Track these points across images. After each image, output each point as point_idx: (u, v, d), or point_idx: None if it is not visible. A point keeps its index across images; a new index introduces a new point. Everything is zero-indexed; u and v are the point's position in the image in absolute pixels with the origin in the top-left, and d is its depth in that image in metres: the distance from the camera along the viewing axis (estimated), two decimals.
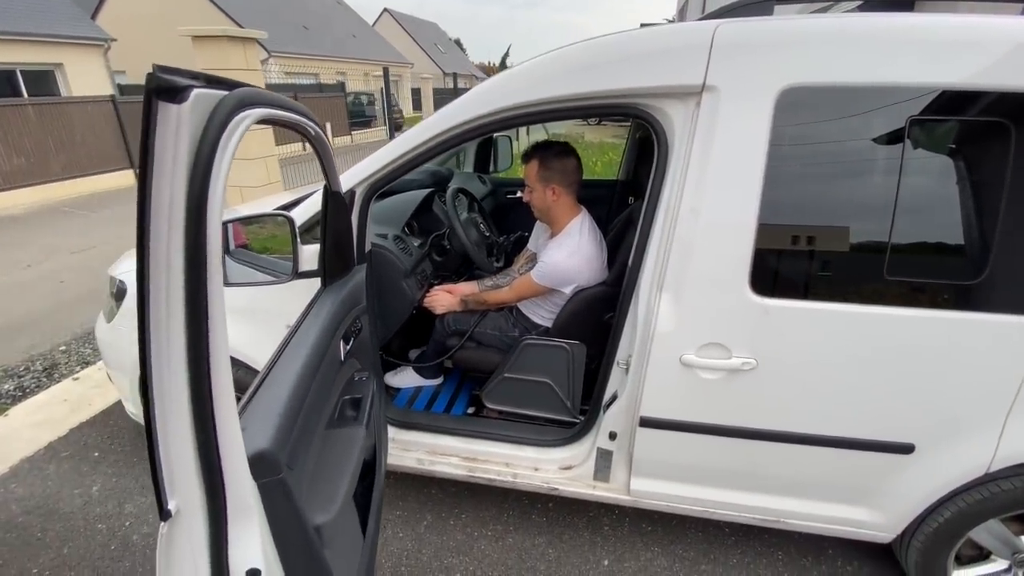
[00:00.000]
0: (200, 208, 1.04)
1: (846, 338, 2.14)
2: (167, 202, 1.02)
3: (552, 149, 3.01)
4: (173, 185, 1.02)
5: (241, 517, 1.32)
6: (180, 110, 1.00)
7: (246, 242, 2.96)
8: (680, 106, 2.12)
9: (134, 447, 3.84)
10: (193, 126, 1.04)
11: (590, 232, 3.03)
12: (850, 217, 2.09)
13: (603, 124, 26.02)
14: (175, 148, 1.01)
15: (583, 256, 2.95)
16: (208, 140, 1.06)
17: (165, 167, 1.01)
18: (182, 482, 1.21)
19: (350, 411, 2.19)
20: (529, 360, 2.98)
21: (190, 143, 1.03)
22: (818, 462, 2.36)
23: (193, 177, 1.04)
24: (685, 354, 2.26)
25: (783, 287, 2.16)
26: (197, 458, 1.19)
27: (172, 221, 1.03)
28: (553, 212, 3.06)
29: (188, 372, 1.11)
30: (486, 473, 2.85)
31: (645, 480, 2.62)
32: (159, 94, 0.98)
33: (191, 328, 1.09)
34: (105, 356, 3.40)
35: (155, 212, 1.02)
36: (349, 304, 2.31)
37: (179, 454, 1.18)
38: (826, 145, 2.06)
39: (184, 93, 1.00)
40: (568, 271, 2.94)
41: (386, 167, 2.46)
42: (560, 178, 2.96)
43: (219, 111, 1.09)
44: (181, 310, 1.07)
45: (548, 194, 2.99)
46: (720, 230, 2.11)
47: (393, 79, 12.71)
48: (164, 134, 1.00)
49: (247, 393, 1.62)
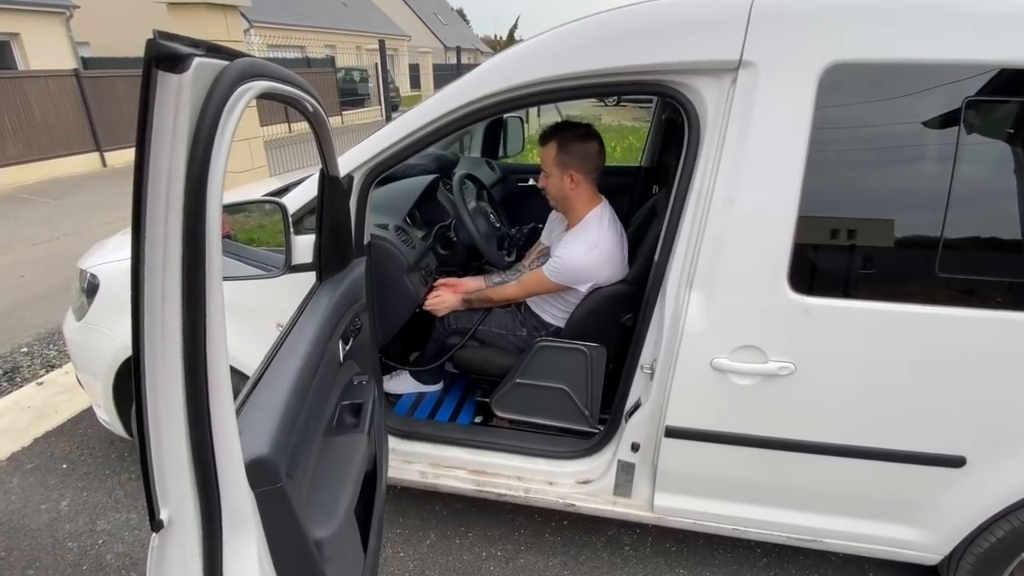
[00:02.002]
0: (200, 186, 1.06)
1: (893, 341, 2.15)
2: (165, 179, 1.03)
3: (573, 131, 3.00)
4: (172, 161, 1.04)
5: (237, 529, 1.34)
6: (181, 80, 1.01)
7: (230, 232, 2.97)
8: (713, 84, 2.12)
9: (106, 458, 3.88)
10: (194, 98, 1.05)
11: (610, 225, 3.03)
12: (899, 208, 2.10)
13: (622, 105, 26.01)
14: (175, 121, 1.03)
15: (602, 252, 2.95)
16: (210, 113, 1.07)
17: (164, 142, 1.03)
18: (175, 490, 1.22)
19: (350, 417, 2.21)
20: (543, 364, 2.99)
21: (191, 116, 1.05)
22: (859, 476, 2.38)
23: (193, 153, 1.05)
24: (716, 358, 2.27)
25: (825, 285, 2.17)
26: (192, 463, 1.20)
27: (171, 201, 1.04)
28: (570, 201, 3.07)
29: (184, 369, 1.13)
30: (496, 488, 2.88)
31: (670, 495, 2.64)
32: (159, 63, 0.99)
33: (188, 318, 1.11)
34: (74, 358, 3.42)
35: (152, 190, 1.03)
36: (348, 301, 2.34)
37: (173, 459, 1.19)
38: (874, 129, 2.07)
39: (186, 62, 1.01)
40: (585, 268, 2.95)
41: (387, 150, 2.47)
42: (580, 164, 2.96)
43: (221, 82, 1.10)
44: (178, 297, 1.09)
45: (566, 181, 2.98)
46: (757, 222, 2.12)
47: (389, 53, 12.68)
48: (163, 106, 1.01)
49: (240, 396, 1.64)
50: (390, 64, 21.86)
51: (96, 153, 15.20)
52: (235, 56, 1.19)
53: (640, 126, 19.05)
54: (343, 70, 26.18)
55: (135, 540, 3.19)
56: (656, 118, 5.37)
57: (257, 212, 2.86)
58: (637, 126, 19.38)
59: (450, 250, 3.76)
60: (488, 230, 3.75)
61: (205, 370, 1.15)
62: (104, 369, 3.12)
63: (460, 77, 2.40)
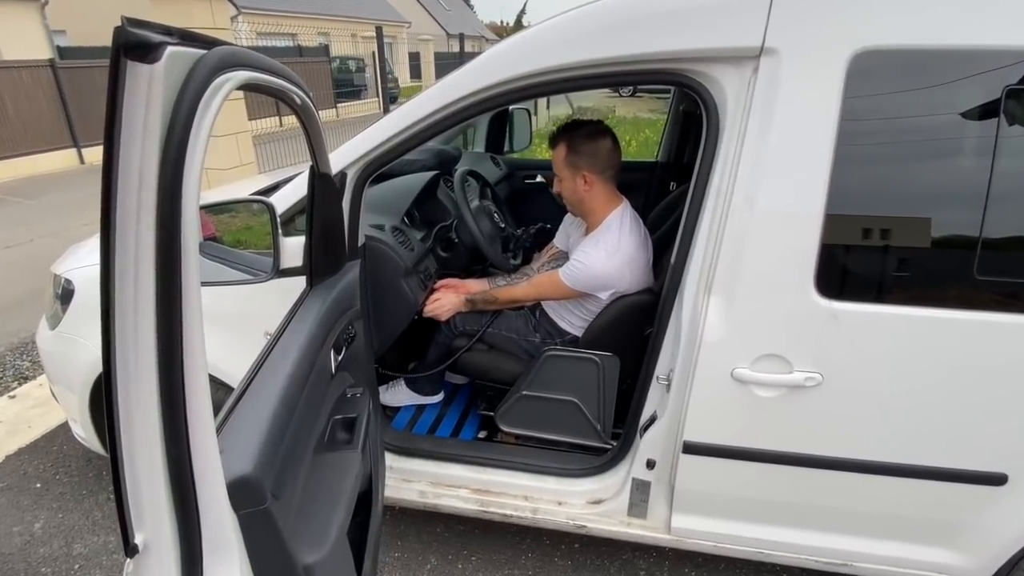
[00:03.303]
0: (175, 186, 1.05)
1: (928, 349, 2.14)
2: (136, 180, 1.03)
3: (581, 130, 3.00)
4: (143, 160, 1.03)
5: (218, 554, 1.34)
6: (152, 71, 1.00)
7: (216, 234, 2.97)
8: (733, 72, 2.12)
9: (83, 477, 3.89)
10: (167, 90, 1.04)
11: (632, 228, 3.01)
12: (934, 206, 2.09)
13: (638, 95, 26.02)
14: (146, 116, 1.02)
15: (624, 257, 2.93)
16: (184, 106, 1.06)
17: (134, 138, 1.02)
18: (151, 512, 1.21)
19: (342, 433, 2.21)
20: (552, 375, 2.99)
21: (163, 110, 1.04)
22: (892, 495, 2.37)
23: (167, 150, 1.04)
24: (737, 368, 2.27)
25: (855, 288, 2.17)
26: (168, 484, 1.20)
27: (142, 203, 1.04)
28: (587, 204, 3.06)
29: (159, 382, 1.12)
30: (501, 508, 2.88)
31: (689, 516, 2.64)
32: (128, 51, 0.98)
33: (163, 328, 1.10)
34: (48, 370, 3.42)
35: (122, 191, 1.03)
36: (340, 307, 2.34)
37: (148, 478, 1.18)
38: (906, 121, 2.06)
39: (157, 51, 1.00)
40: (606, 275, 2.93)
41: (383, 145, 2.47)
42: (592, 163, 2.96)
43: (197, 72, 1.10)
44: (152, 306, 1.08)
45: (579, 183, 2.98)
46: (780, 221, 2.12)
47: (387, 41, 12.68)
48: (134, 99, 1.00)
49: (223, 410, 1.64)
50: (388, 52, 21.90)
51: (73, 149, 15.26)
52: (212, 44, 1.17)
53: (657, 118, 19.02)
54: (338, 59, 26.18)
55: (114, 565, 3.20)
56: (673, 109, 5.36)
57: (244, 212, 2.86)
58: (654, 118, 19.38)
59: (451, 252, 3.75)
60: (492, 231, 3.74)
61: (182, 383, 1.15)
62: (80, 381, 3.12)
63: (463, 65, 2.40)
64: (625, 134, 15.03)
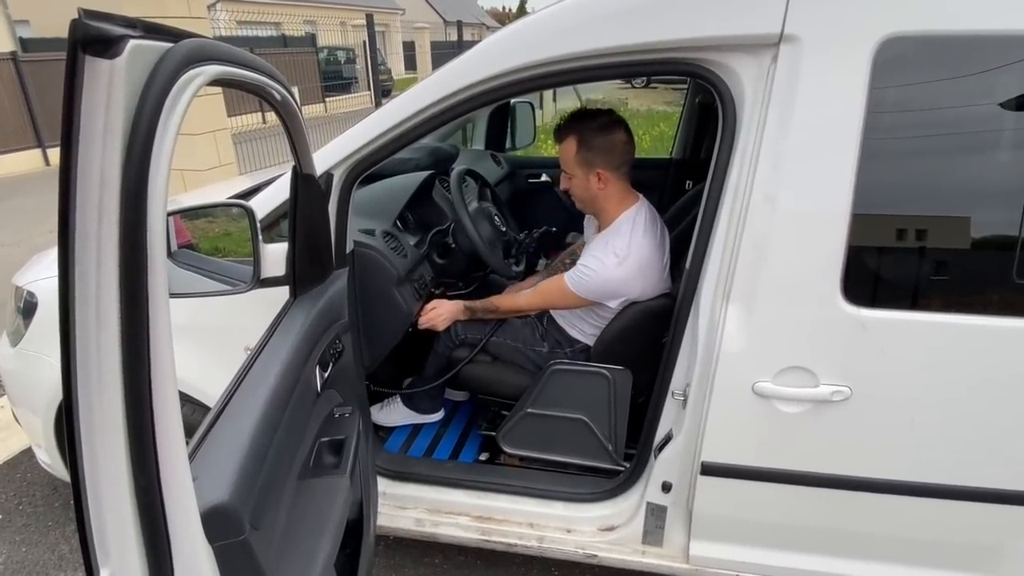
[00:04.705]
0: (139, 192, 1.04)
1: (965, 359, 2.14)
2: (97, 185, 1.02)
3: (593, 122, 2.93)
4: (104, 163, 1.02)
5: None
6: (113, 66, 1.00)
7: (192, 241, 2.96)
8: (751, 62, 2.11)
9: (49, 507, 3.88)
10: (130, 87, 1.04)
11: (647, 229, 2.95)
12: (971, 204, 2.09)
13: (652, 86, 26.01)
14: (107, 115, 1.01)
15: (636, 262, 2.86)
16: (149, 105, 1.06)
17: (94, 140, 1.01)
18: (117, 545, 1.20)
19: (329, 456, 2.21)
20: (558, 391, 2.98)
21: (126, 109, 1.03)
22: (929, 518, 2.37)
23: (130, 153, 1.04)
24: (759, 381, 2.26)
25: (886, 295, 2.17)
26: (136, 514, 1.19)
27: (104, 210, 1.03)
28: (600, 202, 3.01)
29: (125, 403, 1.12)
30: (504, 537, 2.87)
31: (709, 543, 2.63)
32: (86, 46, 0.97)
33: (129, 348, 1.09)
34: (9, 391, 3.41)
35: (81, 199, 1.02)
36: (327, 320, 2.34)
37: (113, 509, 1.18)
38: (939, 113, 2.05)
39: (118, 45, 1.00)
40: (615, 282, 2.88)
41: (373, 143, 2.47)
42: (606, 159, 2.89)
43: (163, 68, 1.09)
44: (115, 324, 1.07)
45: (592, 181, 2.92)
46: (803, 222, 2.11)
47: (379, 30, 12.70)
48: (93, 97, 1.00)
49: (197, 433, 1.64)
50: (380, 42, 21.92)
51: (38, 150, 15.30)
52: (180, 37, 1.17)
53: (673, 111, 18.98)
54: (326, 50, 26.23)
55: None
56: (688, 102, 5.38)
57: (222, 217, 2.86)
58: (669, 111, 19.36)
59: (448, 259, 3.74)
60: (492, 235, 3.74)
61: (150, 404, 1.14)
62: (44, 403, 3.11)
63: (461, 55, 2.40)
64: (638, 128, 14.95)
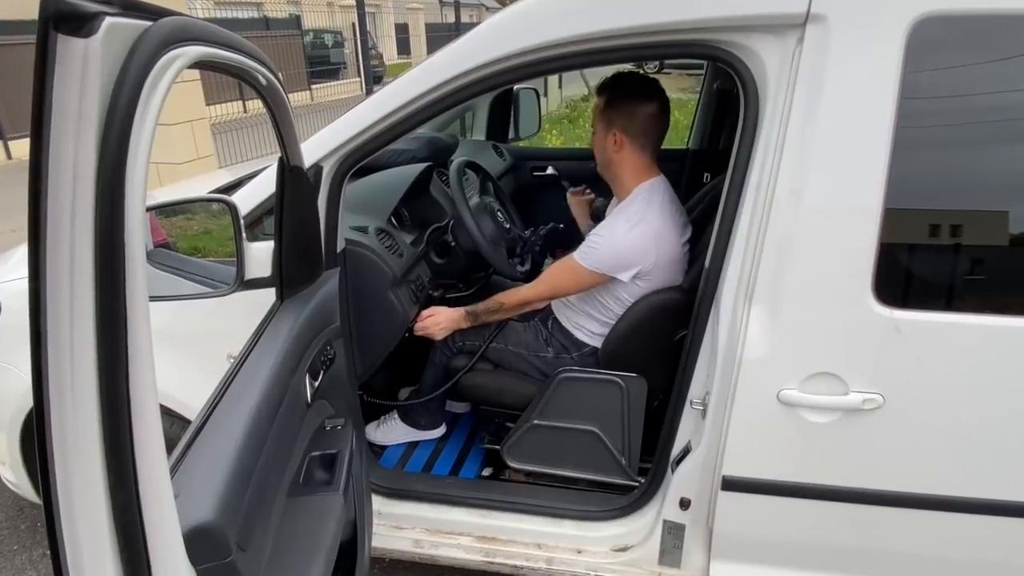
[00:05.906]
0: (116, 183, 1.04)
1: (1007, 363, 2.13)
2: (70, 175, 1.01)
3: (628, 85, 2.99)
4: (78, 152, 1.01)
5: None
6: (88, 46, 0.99)
7: (168, 240, 2.95)
8: (775, 44, 2.10)
9: (14, 529, 3.89)
10: (106, 69, 1.03)
11: (663, 203, 2.95)
12: (1014, 197, 2.09)
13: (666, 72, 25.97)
14: (81, 99, 1.00)
15: (647, 229, 2.85)
16: (126, 88, 1.05)
17: (67, 127, 1.01)
18: (93, 569, 1.20)
19: (321, 472, 2.21)
20: (567, 400, 2.97)
21: (102, 93, 1.02)
22: (969, 536, 2.36)
23: (106, 141, 1.03)
24: (784, 389, 2.26)
25: (921, 295, 2.17)
26: (114, 535, 1.18)
27: (78, 203, 1.02)
28: (615, 167, 3.03)
29: (101, 415, 1.10)
30: (510, 558, 2.87)
31: (730, 564, 2.63)
32: (58, 23, 0.96)
33: (105, 352, 1.08)
34: None
35: (53, 191, 1.01)
36: (317, 325, 2.34)
37: (90, 529, 1.17)
38: (978, 99, 2.05)
39: (93, 23, 0.99)
40: (627, 248, 2.86)
41: (365, 133, 2.46)
42: (626, 125, 2.91)
43: (141, 48, 1.08)
44: (91, 325, 1.06)
45: (608, 140, 2.95)
46: (831, 218, 2.10)
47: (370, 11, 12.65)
48: (66, 80, 0.99)
49: (178, 448, 1.64)
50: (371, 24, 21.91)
51: None
52: (160, 15, 1.16)
53: (689, 98, 18.91)
54: (311, 33, 26.17)
55: None
56: (707, 87, 5.37)
57: (202, 213, 2.86)
58: (684, 98, 19.30)
59: (447, 258, 3.74)
60: (495, 232, 3.74)
61: (129, 416, 1.13)
62: (8, 417, 3.09)
63: (459, 38, 2.40)
64: None
